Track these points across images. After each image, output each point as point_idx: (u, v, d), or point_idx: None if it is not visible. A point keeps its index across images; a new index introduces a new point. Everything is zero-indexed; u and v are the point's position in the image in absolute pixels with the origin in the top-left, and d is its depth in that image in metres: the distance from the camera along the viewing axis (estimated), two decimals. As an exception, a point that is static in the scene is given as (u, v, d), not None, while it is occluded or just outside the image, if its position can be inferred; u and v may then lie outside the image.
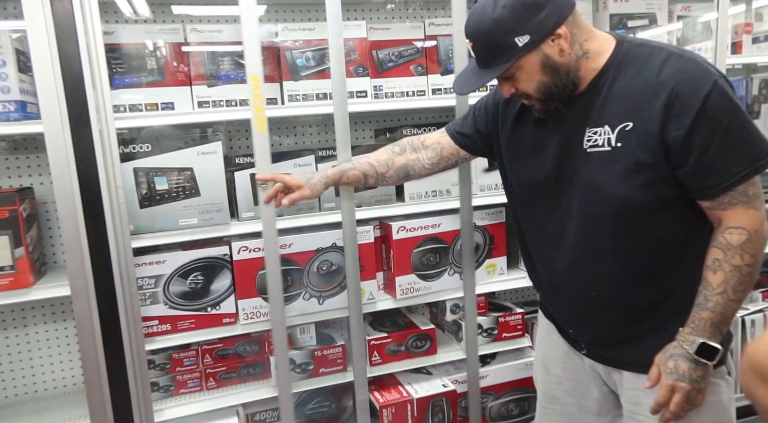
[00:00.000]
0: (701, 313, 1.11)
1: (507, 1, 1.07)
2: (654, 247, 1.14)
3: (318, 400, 2.02)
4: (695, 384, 1.11)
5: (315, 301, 1.77)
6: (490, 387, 1.99)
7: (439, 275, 1.89)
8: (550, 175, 1.21)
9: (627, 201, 1.11)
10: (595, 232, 1.16)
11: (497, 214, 1.95)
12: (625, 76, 1.11)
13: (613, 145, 1.10)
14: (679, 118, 1.03)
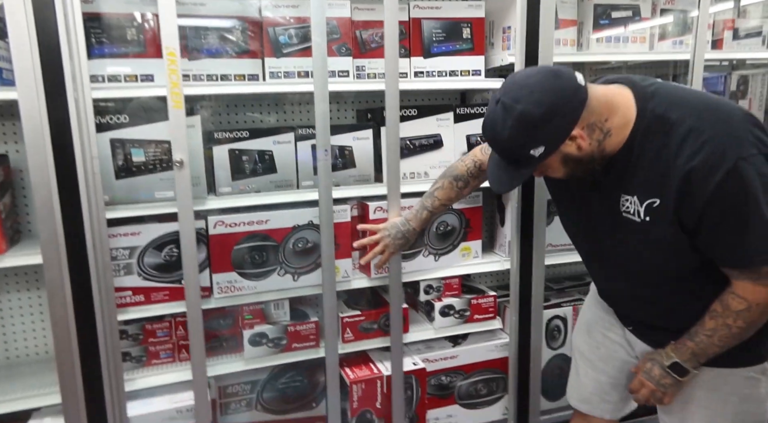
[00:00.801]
0: (687, 342, 1.24)
1: (513, 121, 1.09)
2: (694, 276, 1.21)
3: (290, 375, 2.05)
4: (661, 387, 1.28)
5: (290, 277, 1.79)
6: (461, 367, 2.03)
7: (414, 256, 1.91)
8: (591, 227, 1.31)
9: (663, 267, 1.20)
10: (633, 279, 1.28)
11: (474, 199, 1.97)
12: (650, 149, 1.12)
13: (643, 217, 1.15)
14: (691, 203, 1.06)
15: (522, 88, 1.09)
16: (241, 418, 2.02)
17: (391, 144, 1.72)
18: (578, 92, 1.09)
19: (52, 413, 1.61)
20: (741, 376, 1.27)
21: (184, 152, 1.50)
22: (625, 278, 1.31)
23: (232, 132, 1.71)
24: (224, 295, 1.73)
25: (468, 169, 1.60)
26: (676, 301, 1.26)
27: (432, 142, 1.89)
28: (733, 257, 1.11)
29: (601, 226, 1.27)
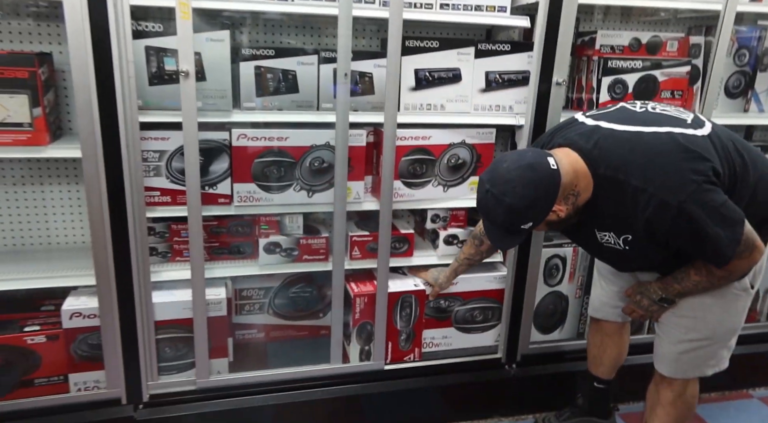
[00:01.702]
0: (673, 284, 1.54)
1: (503, 210, 1.35)
2: (676, 261, 1.52)
3: (301, 285, 2.23)
4: (649, 313, 1.65)
5: (305, 193, 1.91)
6: (459, 293, 2.16)
7: (423, 185, 2.00)
8: (582, 244, 1.69)
9: (647, 265, 1.57)
10: (632, 268, 1.68)
11: (488, 135, 2.03)
12: (612, 201, 1.39)
13: (623, 247, 1.45)
14: (658, 233, 1.35)
15: (506, 183, 1.34)
16: (255, 319, 2.22)
17: (390, 73, 1.77)
18: (553, 178, 1.34)
19: (87, 293, 1.81)
20: (725, 290, 1.53)
21: (189, 63, 1.58)
22: (624, 269, 1.71)
23: (259, 50, 1.79)
24: (243, 204, 1.86)
25: (482, 229, 1.82)
26: (667, 267, 1.56)
27: (450, 76, 1.93)
28: (704, 254, 1.40)
29: (592, 246, 1.56)
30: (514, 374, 2.16)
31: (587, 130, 1.44)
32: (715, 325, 1.58)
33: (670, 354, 1.65)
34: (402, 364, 2.09)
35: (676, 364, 1.65)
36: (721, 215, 1.31)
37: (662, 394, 1.69)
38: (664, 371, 1.68)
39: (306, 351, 2.15)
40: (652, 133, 1.37)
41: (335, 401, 2.01)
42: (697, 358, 1.63)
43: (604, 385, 1.98)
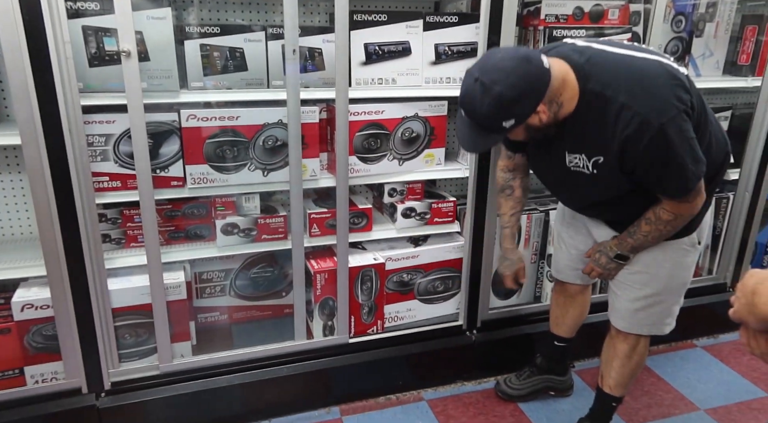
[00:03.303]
0: (627, 239, 1.62)
1: (490, 100, 1.31)
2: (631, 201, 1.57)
3: (262, 265, 2.23)
4: (607, 270, 1.72)
5: (260, 173, 1.89)
6: (420, 265, 2.20)
7: (379, 159, 2.02)
8: (545, 169, 1.68)
9: (609, 196, 1.55)
10: (590, 202, 1.66)
11: (440, 107, 2.05)
12: (592, 119, 1.39)
13: (591, 171, 1.47)
14: (630, 156, 1.38)
15: (499, 71, 1.31)
16: (217, 302, 2.21)
17: (340, 48, 1.76)
18: (544, 76, 1.33)
19: (38, 284, 1.76)
20: (675, 246, 1.63)
21: (131, 42, 1.54)
22: (582, 203, 1.71)
23: (204, 27, 1.75)
24: (197, 185, 1.83)
25: (504, 178, 1.85)
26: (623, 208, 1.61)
27: (400, 49, 1.94)
28: (663, 192, 1.46)
29: (557, 173, 1.58)
30: (475, 340, 2.23)
31: (580, 48, 1.44)
32: (666, 280, 1.66)
33: (626, 310, 1.72)
34: (365, 337, 2.13)
35: (631, 320, 1.72)
36: (692, 148, 1.36)
37: (618, 347, 1.78)
38: (620, 326, 1.75)
39: (270, 330, 2.16)
40: (643, 59, 1.40)
41: (302, 376, 2.03)
42: (653, 315, 1.70)
43: (564, 343, 2.08)
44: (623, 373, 1.79)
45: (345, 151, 1.89)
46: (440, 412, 2.09)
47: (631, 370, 1.80)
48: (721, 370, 2.35)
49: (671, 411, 2.10)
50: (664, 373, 2.30)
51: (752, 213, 2.51)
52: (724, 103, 2.73)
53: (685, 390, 2.21)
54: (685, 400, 2.16)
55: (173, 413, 1.91)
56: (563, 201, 1.86)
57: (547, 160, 1.60)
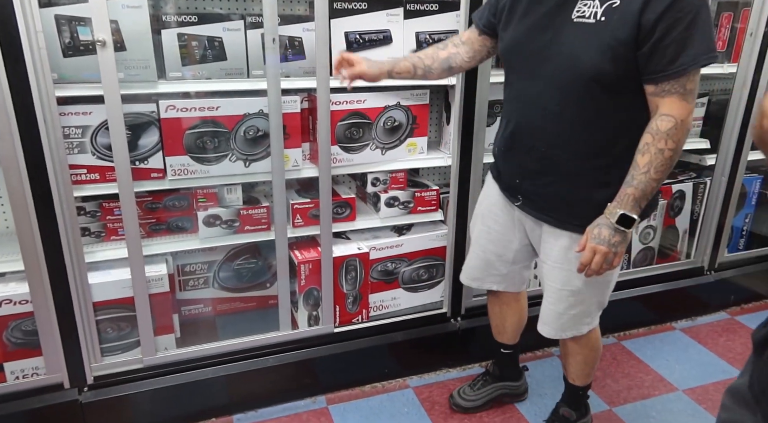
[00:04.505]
0: (626, 190, 1.36)
1: None
2: (606, 121, 1.39)
3: (246, 257, 2.22)
4: (613, 247, 1.39)
5: (242, 163, 1.88)
6: (405, 254, 2.21)
7: (361, 149, 2.01)
8: (534, 37, 1.42)
9: (597, 70, 1.31)
10: (563, 98, 1.39)
11: (422, 96, 2.05)
12: None
13: (598, 18, 1.29)
14: (655, 4, 1.22)
15: None
16: (201, 294, 2.20)
17: (320, 37, 1.75)
18: None
19: (16, 279, 1.73)
20: None
21: (106, 31, 1.50)
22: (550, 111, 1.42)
23: (181, 16, 1.72)
24: (177, 177, 1.81)
25: (453, 38, 1.73)
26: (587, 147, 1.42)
27: (381, 38, 1.93)
28: (673, 64, 1.26)
29: (544, 37, 1.39)
30: (459, 326, 2.25)
31: None
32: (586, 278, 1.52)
33: (551, 314, 1.64)
34: (350, 326, 2.14)
35: (557, 324, 1.65)
36: (710, 30, 1.26)
37: (568, 346, 1.75)
38: (546, 333, 1.68)
39: (255, 322, 2.15)
40: None
41: (287, 367, 2.04)
42: (576, 317, 1.63)
43: (510, 349, 2.03)
44: (581, 367, 1.78)
45: (327, 140, 1.88)
46: (425, 399, 2.11)
47: (587, 362, 1.77)
48: (699, 351, 2.41)
49: (651, 392, 2.15)
50: (644, 356, 2.36)
51: (728, 198, 2.56)
52: (702, 89, 2.77)
53: (664, 371, 2.26)
54: (664, 381, 2.21)
55: (158, 406, 1.90)
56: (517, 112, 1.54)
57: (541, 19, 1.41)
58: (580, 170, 1.46)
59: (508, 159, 1.61)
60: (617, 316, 2.25)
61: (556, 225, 1.55)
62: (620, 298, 2.37)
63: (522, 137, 1.52)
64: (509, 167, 1.62)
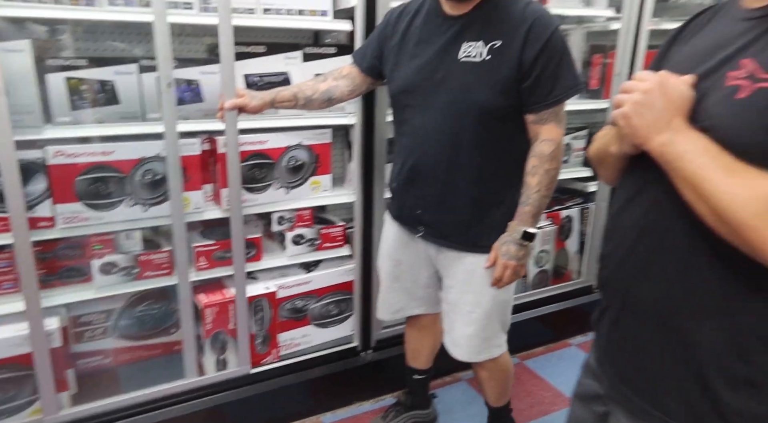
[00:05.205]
0: (524, 208, 1.55)
1: None
2: (498, 147, 1.55)
3: (148, 303, 2.14)
4: (520, 261, 1.57)
5: (139, 208, 1.83)
6: (313, 291, 2.23)
7: (265, 188, 2.03)
8: (426, 76, 1.55)
9: (487, 102, 1.48)
10: (459, 128, 1.52)
11: (324, 135, 2.10)
12: (500, 8, 1.47)
13: (484, 58, 1.46)
14: (533, 43, 1.42)
15: None
16: (98, 345, 2.09)
17: (226, 80, 1.76)
18: None
19: None
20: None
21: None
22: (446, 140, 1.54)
23: (69, 60, 1.67)
24: (69, 225, 1.74)
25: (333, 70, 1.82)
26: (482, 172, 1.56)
27: (281, 80, 1.98)
28: (550, 95, 1.47)
29: (435, 75, 1.53)
30: (370, 359, 2.29)
31: None
32: (492, 297, 1.64)
33: (462, 337, 1.71)
34: (261, 368, 2.11)
35: (470, 347, 1.71)
36: (574, 66, 1.49)
37: (483, 371, 1.83)
38: (460, 357, 1.74)
39: (161, 370, 2.07)
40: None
41: (195, 415, 1.97)
42: (486, 339, 1.70)
43: (424, 375, 2.08)
44: (498, 389, 1.88)
45: (237, 182, 1.89)
46: (340, 435, 2.12)
47: (503, 383, 1.87)
48: (593, 364, 2.60)
49: (551, 408, 2.29)
50: (544, 373, 2.51)
51: (610, 221, 2.81)
52: (582, 122, 3.04)
53: (563, 387, 2.42)
54: (562, 396, 2.36)
55: (51, 471, 1.77)
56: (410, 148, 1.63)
57: (430, 59, 1.54)
58: (478, 194, 1.58)
59: (409, 192, 1.68)
60: (519, 337, 2.36)
61: (459, 249, 1.64)
62: (521, 319, 2.52)
63: (421, 169, 1.62)
64: (410, 200, 1.69)
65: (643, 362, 0.98)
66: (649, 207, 0.94)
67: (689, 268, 0.89)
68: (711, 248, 0.85)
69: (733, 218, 0.78)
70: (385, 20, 1.71)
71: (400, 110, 1.68)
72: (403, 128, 1.68)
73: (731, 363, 0.87)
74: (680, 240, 0.89)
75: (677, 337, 0.91)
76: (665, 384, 0.94)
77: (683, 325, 0.90)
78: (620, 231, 1.01)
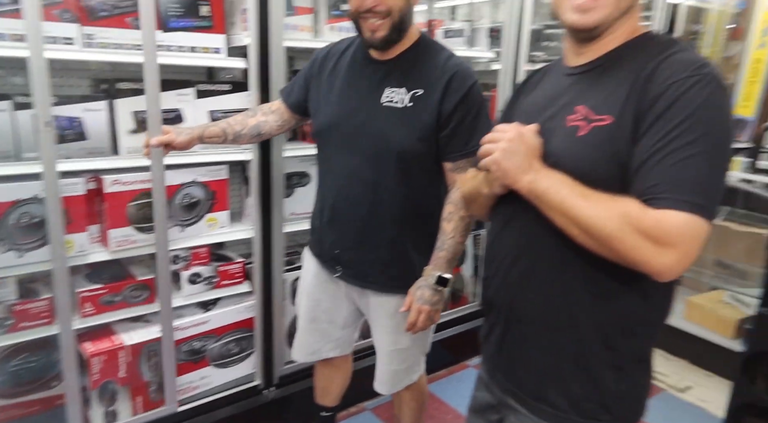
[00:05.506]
0: (439, 254, 1.56)
1: None
2: (417, 190, 1.58)
3: (24, 356, 1.96)
4: (434, 305, 1.56)
5: (14, 254, 1.69)
6: (212, 330, 2.16)
7: (157, 228, 1.96)
8: (348, 118, 1.58)
9: (407, 147, 1.52)
10: (380, 171, 1.55)
11: (220, 172, 2.08)
12: (423, 58, 1.54)
13: (406, 104, 1.50)
14: (452, 95, 1.48)
15: None
16: (-37, 407, 1.88)
17: (152, 115, 1.75)
18: None
19: None
20: None
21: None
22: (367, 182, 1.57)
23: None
24: (-74, 277, 1.57)
25: (263, 105, 1.85)
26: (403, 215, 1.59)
27: (173, 117, 1.94)
28: (467, 146, 1.52)
29: (358, 117, 1.56)
30: (273, 396, 2.25)
31: None
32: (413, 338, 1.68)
33: (386, 373, 1.76)
34: (156, 416, 2.01)
35: (393, 382, 1.77)
36: (489, 119, 1.55)
37: (402, 398, 1.88)
38: (385, 392, 1.79)
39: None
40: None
41: (81, 475, 1.82)
42: (407, 370, 1.77)
43: (331, 412, 2.09)
44: (415, 413, 1.92)
45: (164, 218, 1.87)
46: (243, 479, 2.05)
47: (420, 406, 1.92)
48: (490, 383, 2.73)
49: (452, 430, 2.38)
50: (445, 396, 2.60)
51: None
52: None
53: (462, 408, 2.49)
54: (461, 417, 2.46)
55: None
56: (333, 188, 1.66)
57: (353, 101, 1.58)
58: (398, 235, 1.61)
59: (329, 230, 1.69)
60: (421, 363, 2.46)
61: (380, 290, 1.67)
62: (422, 344, 2.60)
63: (343, 209, 1.64)
64: (330, 238, 1.70)
65: (530, 363, 1.14)
66: (521, 233, 1.12)
67: (563, 278, 1.07)
68: (579, 260, 1.02)
69: (600, 234, 0.94)
70: (312, 59, 1.74)
71: (322, 149, 1.71)
72: (325, 167, 1.70)
73: (601, 352, 1.06)
74: (552, 256, 1.07)
75: (558, 337, 1.09)
76: (549, 378, 1.11)
77: (562, 325, 1.08)
78: (498, 256, 1.18)
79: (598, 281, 1.04)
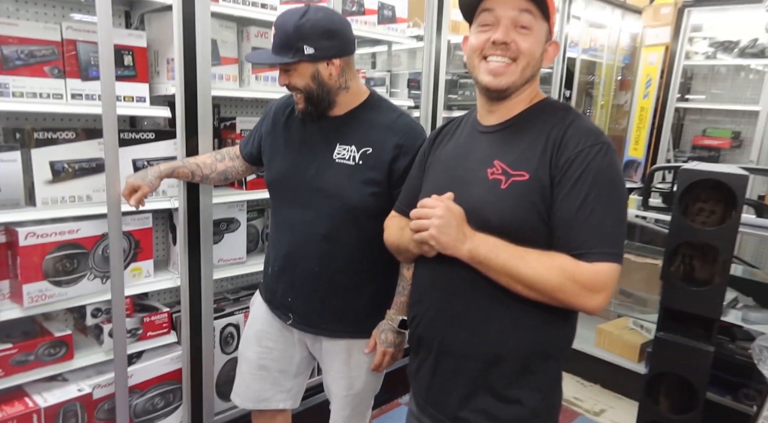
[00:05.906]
0: (400, 298, 1.60)
1: (311, 18, 1.47)
2: (369, 242, 1.57)
3: None
4: (397, 347, 1.63)
5: None
6: (136, 385, 2.06)
7: (77, 281, 1.87)
8: (300, 172, 1.62)
9: (358, 202, 1.56)
10: (332, 223, 1.59)
11: (144, 220, 2.04)
12: (373, 117, 1.59)
13: (357, 162, 1.55)
14: (403, 156, 1.53)
15: (328, 10, 1.54)
16: None
17: (110, 166, 1.76)
18: (353, 44, 1.58)
19: None
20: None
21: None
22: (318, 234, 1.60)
23: None
24: None
25: (229, 150, 1.91)
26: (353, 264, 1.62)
27: (94, 166, 1.89)
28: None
29: (310, 171, 1.61)
30: (204, 450, 2.17)
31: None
32: (365, 378, 1.71)
33: (340, 419, 1.76)
34: (74, 483, 1.87)
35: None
36: None
37: None
38: None
39: None
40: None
41: None
42: (360, 413, 1.78)
43: None
44: None
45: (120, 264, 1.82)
46: None
47: None
48: (422, 419, 2.78)
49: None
50: (380, 435, 2.62)
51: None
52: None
53: (397, 446, 2.55)
54: (397, 455, 2.49)
55: None
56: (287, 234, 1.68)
57: (305, 154, 1.63)
58: (352, 284, 1.64)
59: (281, 279, 1.70)
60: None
61: (333, 337, 1.68)
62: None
63: (295, 259, 1.65)
64: (282, 287, 1.70)
65: (460, 392, 1.23)
66: (453, 277, 1.22)
67: (492, 315, 1.19)
68: (510, 300, 1.16)
69: (544, 288, 1.10)
70: (267, 110, 1.79)
71: (275, 199, 1.74)
72: (278, 217, 1.73)
73: (524, 376, 1.20)
74: (482, 298, 1.19)
75: (487, 367, 1.20)
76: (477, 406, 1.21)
77: (491, 358, 1.20)
78: (429, 296, 1.28)
79: (530, 316, 1.18)
